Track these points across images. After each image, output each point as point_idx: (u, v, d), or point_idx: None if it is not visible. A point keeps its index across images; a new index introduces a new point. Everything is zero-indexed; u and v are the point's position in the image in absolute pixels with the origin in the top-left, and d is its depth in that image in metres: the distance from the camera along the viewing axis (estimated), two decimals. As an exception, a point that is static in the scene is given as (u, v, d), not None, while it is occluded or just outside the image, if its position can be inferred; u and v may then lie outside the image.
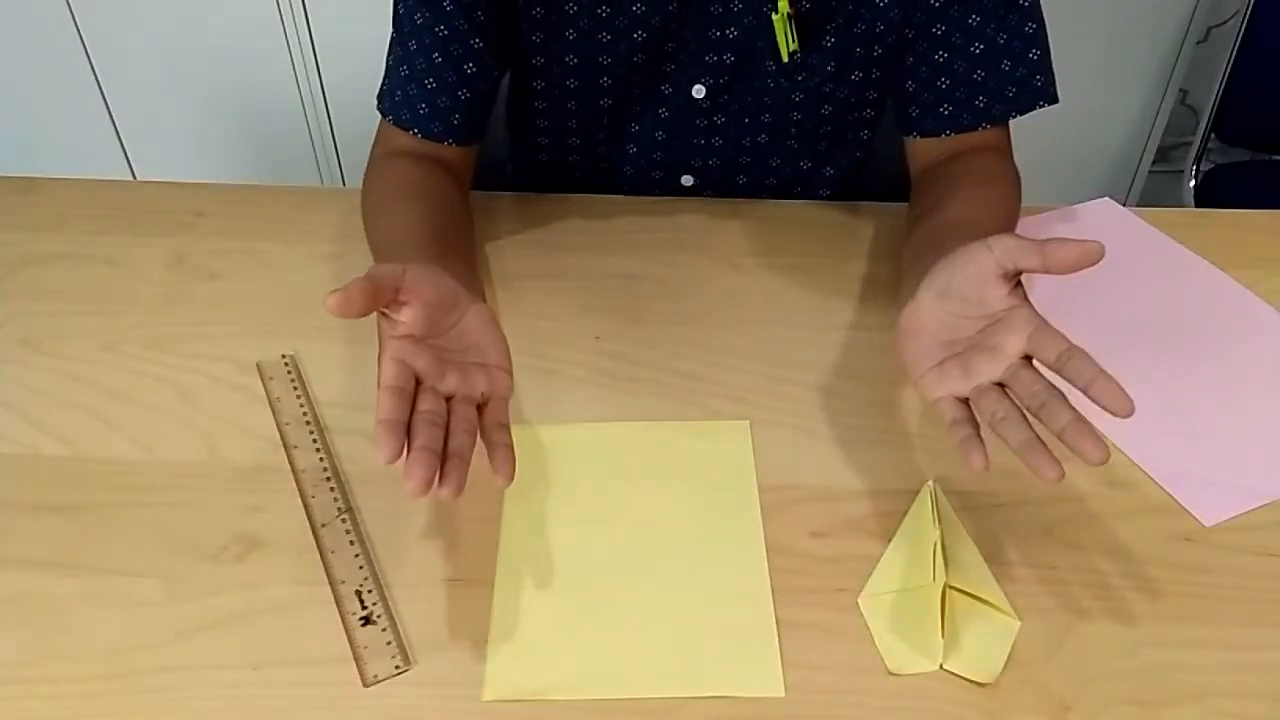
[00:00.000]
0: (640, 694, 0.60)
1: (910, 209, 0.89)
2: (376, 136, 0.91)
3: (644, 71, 0.90)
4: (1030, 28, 0.85)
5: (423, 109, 0.86)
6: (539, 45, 0.89)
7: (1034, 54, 0.86)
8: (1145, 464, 0.74)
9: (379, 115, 0.90)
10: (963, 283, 0.64)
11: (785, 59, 0.87)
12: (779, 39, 0.85)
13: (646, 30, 0.87)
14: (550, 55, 0.90)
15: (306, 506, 0.70)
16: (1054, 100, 0.87)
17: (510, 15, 0.87)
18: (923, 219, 0.82)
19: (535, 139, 0.98)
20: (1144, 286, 0.90)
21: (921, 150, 0.91)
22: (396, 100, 0.87)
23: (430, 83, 0.85)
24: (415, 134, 0.87)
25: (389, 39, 0.87)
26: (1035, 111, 0.88)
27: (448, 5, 0.83)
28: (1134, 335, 0.85)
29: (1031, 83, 0.86)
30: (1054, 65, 0.87)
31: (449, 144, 0.88)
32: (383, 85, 0.89)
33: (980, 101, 0.87)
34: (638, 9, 0.86)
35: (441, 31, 0.84)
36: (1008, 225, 0.80)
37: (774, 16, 0.84)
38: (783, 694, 0.60)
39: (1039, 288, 0.89)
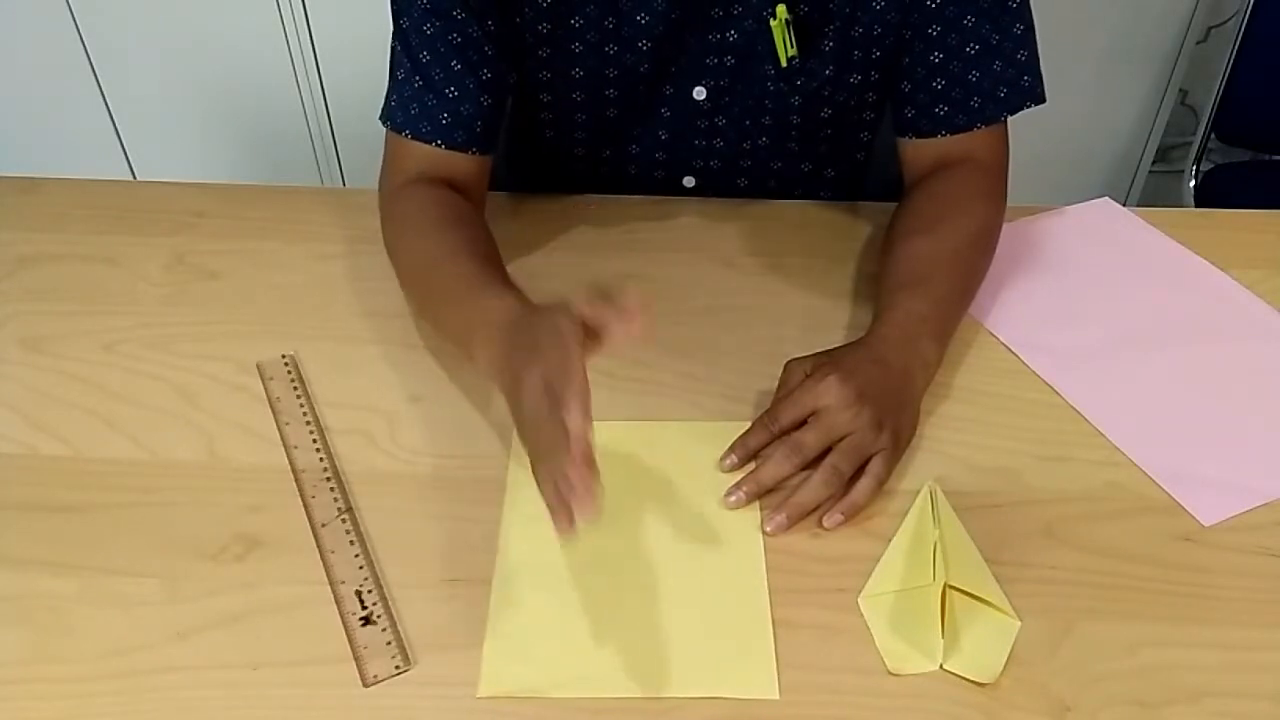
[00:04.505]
0: (636, 694, 0.60)
1: (893, 222, 0.89)
2: (387, 161, 0.88)
3: (647, 76, 0.90)
4: (1019, 29, 0.86)
5: (445, 118, 0.84)
6: (545, 60, 0.89)
7: (1022, 55, 0.87)
8: (1145, 464, 0.74)
9: (386, 134, 0.87)
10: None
11: (784, 64, 0.87)
12: (777, 45, 0.85)
13: (651, 38, 0.87)
14: (556, 69, 0.90)
15: (306, 506, 0.70)
16: (1041, 100, 0.88)
17: (516, 29, 0.87)
18: (890, 252, 0.85)
19: (538, 146, 0.98)
20: (1144, 286, 0.90)
21: (914, 153, 0.92)
22: (413, 114, 0.84)
23: (451, 91, 0.84)
24: (438, 145, 0.85)
25: (391, 54, 0.86)
26: (1034, 111, 0.89)
27: (459, 14, 0.82)
28: (1134, 335, 0.85)
29: (1020, 83, 0.87)
30: (1055, 65, 0.87)
31: (472, 153, 0.86)
32: (390, 102, 0.86)
33: (975, 102, 0.87)
34: (642, 18, 0.86)
35: (455, 39, 0.83)
36: (953, 267, 0.83)
37: (772, 23, 0.84)
38: (777, 696, 0.60)
39: (1040, 290, 0.89)
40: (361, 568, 0.66)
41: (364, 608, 0.64)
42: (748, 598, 0.65)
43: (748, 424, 0.74)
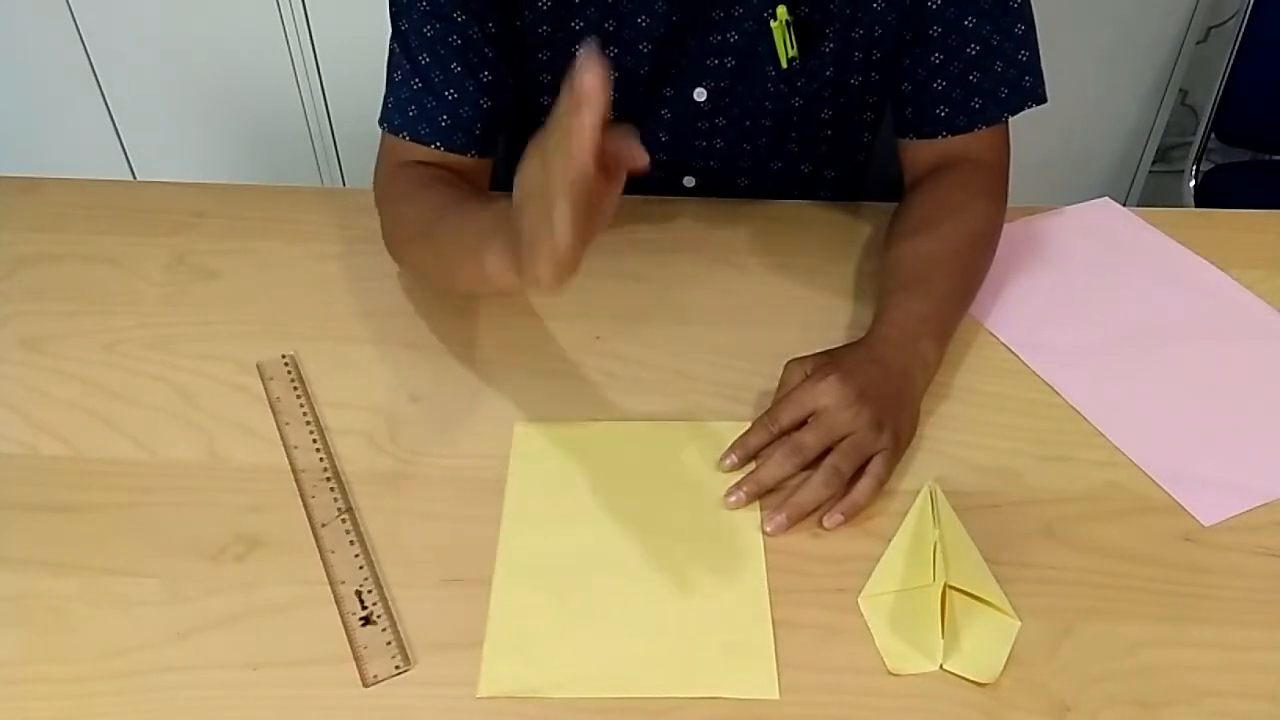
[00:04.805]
0: (636, 693, 0.60)
1: (893, 222, 0.89)
2: (382, 158, 0.88)
3: (648, 78, 0.90)
4: (1020, 29, 0.86)
5: (444, 120, 0.84)
6: (546, 63, 0.89)
7: (1023, 55, 0.87)
8: (1145, 464, 0.74)
9: (381, 135, 0.87)
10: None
11: (784, 65, 0.87)
12: (778, 46, 0.85)
13: (651, 41, 0.87)
14: (557, 71, 0.90)
15: (306, 506, 0.70)
16: (1042, 100, 0.88)
17: (516, 32, 0.87)
18: (891, 252, 0.85)
19: None
20: (1143, 286, 0.90)
21: (914, 154, 0.92)
22: (411, 116, 0.84)
23: (451, 93, 0.83)
24: (437, 147, 0.84)
25: (389, 55, 0.86)
26: (1034, 111, 0.89)
27: (459, 16, 0.82)
28: (1134, 335, 0.85)
29: (1021, 84, 0.87)
30: (1055, 65, 0.87)
31: (471, 155, 0.86)
32: (388, 103, 0.86)
33: (975, 103, 0.87)
34: (643, 21, 0.86)
35: (455, 41, 0.83)
36: (954, 267, 0.84)
37: (772, 24, 0.84)
38: (777, 696, 0.60)
39: (1040, 290, 0.89)
40: (361, 568, 0.66)
41: (364, 608, 0.64)
42: (748, 598, 0.65)
43: (748, 424, 0.74)
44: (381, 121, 0.87)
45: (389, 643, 0.62)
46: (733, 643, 0.63)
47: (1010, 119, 0.90)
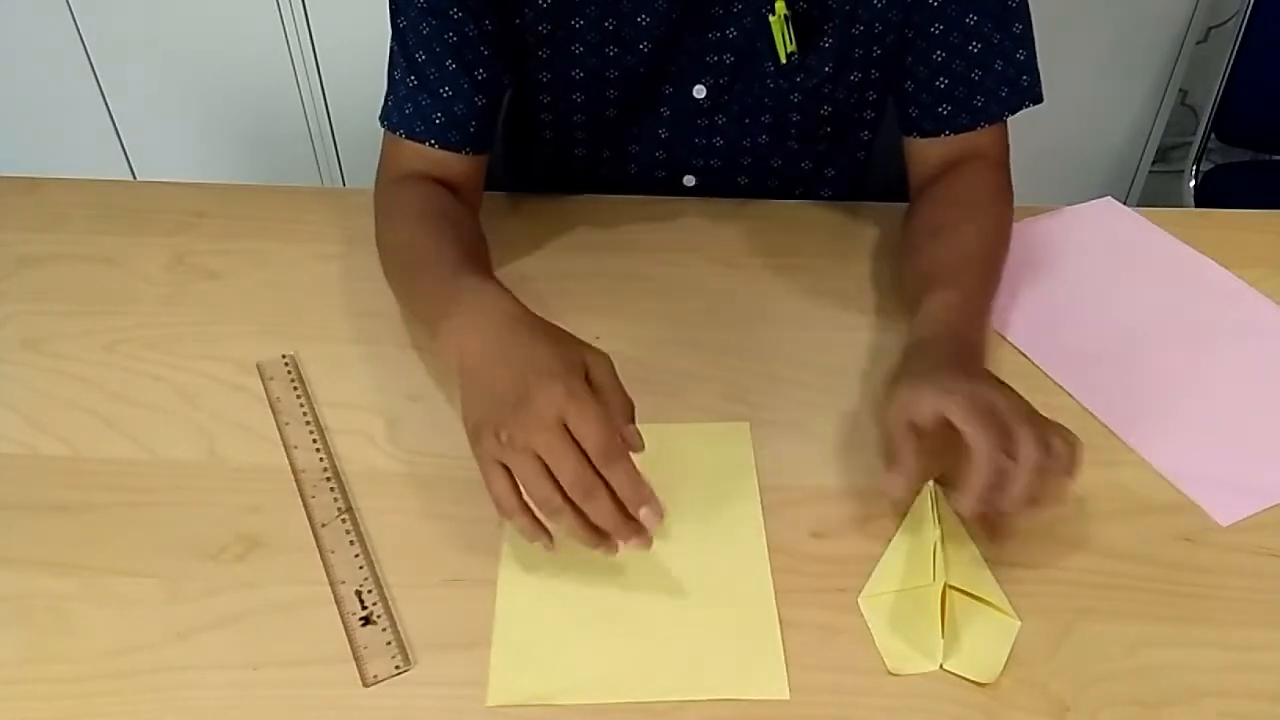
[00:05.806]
0: (643, 697, 0.60)
1: (905, 225, 0.89)
2: (383, 159, 0.88)
3: (647, 76, 0.90)
4: (1018, 28, 0.86)
5: (438, 118, 0.84)
6: (545, 61, 0.89)
7: (1021, 54, 0.87)
8: (1161, 465, 0.74)
9: (383, 134, 0.87)
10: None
11: (783, 60, 0.87)
12: (776, 41, 0.85)
13: (651, 39, 0.87)
14: (556, 71, 0.90)
15: (306, 506, 0.70)
16: (1039, 100, 0.89)
17: (515, 30, 0.87)
18: (915, 253, 0.85)
19: (538, 147, 0.98)
20: (1148, 286, 0.89)
21: (919, 153, 0.92)
22: (407, 113, 0.85)
23: (446, 90, 0.84)
24: (431, 144, 0.85)
25: (389, 53, 0.86)
26: (1035, 111, 0.89)
27: (455, 13, 0.82)
28: (1142, 335, 0.84)
29: (1019, 83, 0.87)
30: (1055, 65, 0.87)
31: (465, 153, 0.86)
32: (387, 101, 0.86)
33: (978, 100, 0.87)
34: (643, 20, 0.86)
35: (451, 39, 0.83)
36: (982, 263, 0.82)
37: (770, 18, 0.84)
38: (787, 696, 0.60)
39: (1048, 290, 0.89)
40: (361, 568, 0.66)
41: (364, 608, 0.64)
42: (754, 597, 0.65)
43: (747, 424, 0.74)
44: (381, 119, 0.87)
45: (389, 643, 0.62)
46: (741, 643, 0.63)
47: (1009, 118, 0.90)
